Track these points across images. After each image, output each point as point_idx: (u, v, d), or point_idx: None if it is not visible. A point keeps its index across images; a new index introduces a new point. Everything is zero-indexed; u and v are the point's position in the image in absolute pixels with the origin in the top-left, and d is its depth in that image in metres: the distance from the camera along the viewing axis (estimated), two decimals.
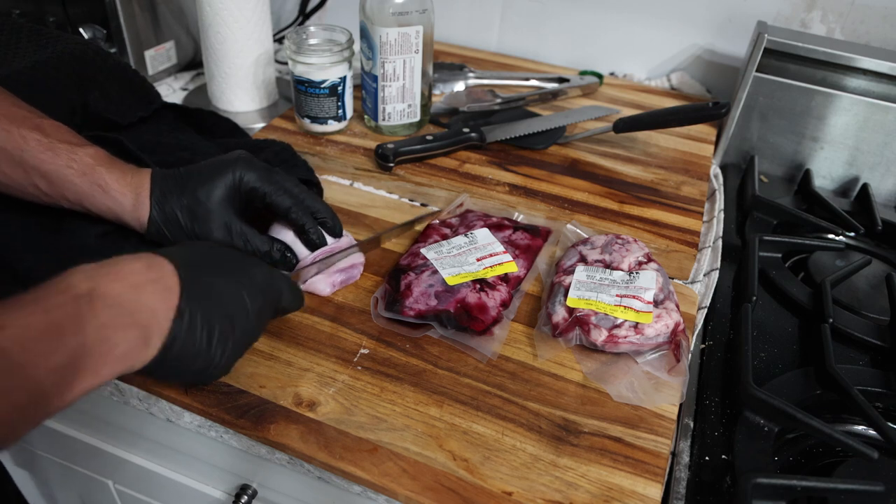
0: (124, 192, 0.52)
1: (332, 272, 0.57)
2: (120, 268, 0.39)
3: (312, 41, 0.78)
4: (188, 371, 0.42)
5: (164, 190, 0.53)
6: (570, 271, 0.58)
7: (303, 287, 0.57)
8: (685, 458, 0.50)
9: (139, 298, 0.38)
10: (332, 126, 0.81)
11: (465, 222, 0.65)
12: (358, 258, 0.59)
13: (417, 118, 0.83)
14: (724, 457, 0.49)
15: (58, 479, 0.77)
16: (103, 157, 0.53)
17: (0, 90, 0.53)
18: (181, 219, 0.53)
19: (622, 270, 0.58)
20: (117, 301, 0.37)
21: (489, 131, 0.82)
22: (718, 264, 0.67)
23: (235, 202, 0.55)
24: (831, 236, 0.74)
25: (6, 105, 0.51)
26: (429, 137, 0.78)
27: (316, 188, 0.68)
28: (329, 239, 0.58)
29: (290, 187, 0.56)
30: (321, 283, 0.57)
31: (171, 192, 0.53)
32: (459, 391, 0.50)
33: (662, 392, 0.51)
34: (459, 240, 0.61)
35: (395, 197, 0.72)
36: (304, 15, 1.07)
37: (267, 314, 0.48)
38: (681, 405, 0.52)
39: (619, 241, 0.61)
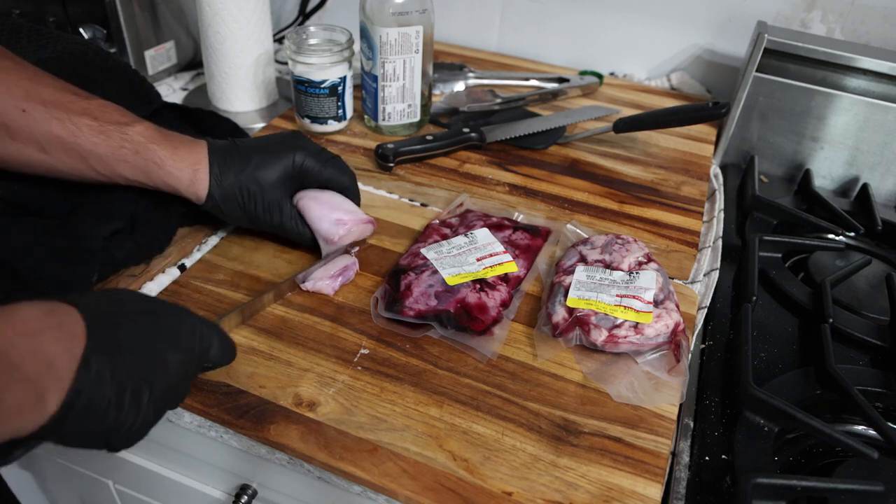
0: (180, 167, 0.54)
1: (331, 277, 0.57)
2: (10, 314, 0.33)
3: (312, 41, 0.78)
4: (94, 434, 0.36)
5: (222, 168, 0.55)
6: (570, 271, 0.58)
7: (309, 288, 0.57)
8: (685, 458, 0.50)
9: (32, 347, 0.33)
10: (332, 126, 0.81)
11: (465, 222, 0.65)
12: (349, 260, 0.59)
13: (417, 118, 0.83)
14: (724, 457, 0.49)
15: (58, 479, 0.77)
16: (154, 134, 0.54)
17: (42, 73, 0.53)
18: (238, 196, 0.56)
19: (622, 270, 0.58)
20: (2, 351, 0.32)
21: (489, 131, 0.82)
22: (718, 264, 0.67)
23: (289, 184, 0.58)
24: (831, 236, 0.74)
25: (53, 91, 0.52)
26: (429, 137, 0.78)
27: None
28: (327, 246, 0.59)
29: (346, 169, 0.62)
30: (324, 286, 0.57)
31: (230, 170, 0.56)
32: (459, 391, 0.50)
33: (662, 392, 0.51)
34: (459, 240, 0.61)
35: (395, 197, 0.72)
36: (304, 15, 1.07)
37: (193, 370, 0.43)
38: (681, 405, 0.52)
39: (619, 241, 0.61)
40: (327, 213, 0.58)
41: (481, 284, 0.56)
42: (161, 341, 0.40)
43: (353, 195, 0.62)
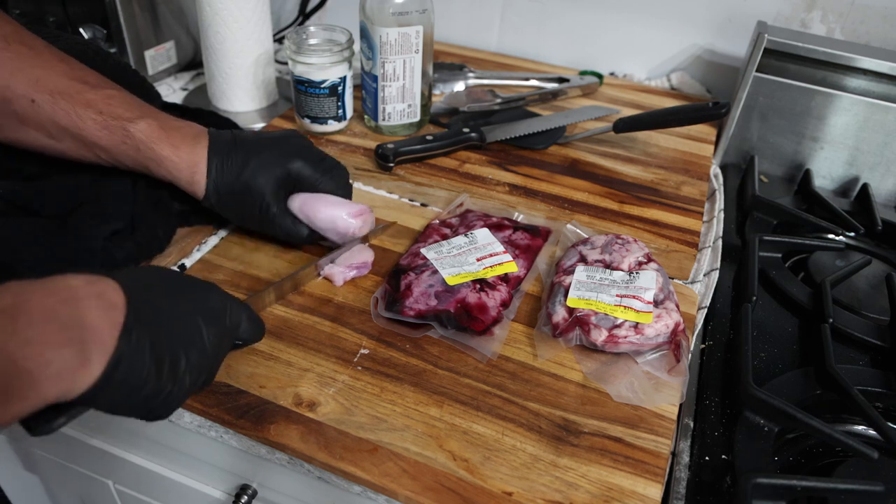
0: (179, 167, 0.56)
1: (348, 267, 0.59)
2: (54, 283, 0.35)
3: (312, 41, 0.78)
4: (135, 401, 0.37)
5: (219, 171, 0.57)
6: (570, 271, 0.58)
7: (325, 273, 0.59)
8: (685, 458, 0.50)
9: (76, 314, 0.34)
10: (332, 126, 0.81)
11: (465, 222, 0.65)
12: (369, 255, 0.60)
13: (417, 118, 0.83)
14: (724, 457, 0.49)
15: (58, 480, 0.77)
16: (155, 132, 0.55)
17: (57, 58, 0.54)
18: (233, 200, 0.58)
19: (622, 270, 0.58)
20: (48, 316, 0.33)
21: (489, 131, 0.82)
22: (718, 264, 0.67)
23: (285, 189, 0.59)
24: (831, 236, 0.74)
25: (63, 80, 0.53)
26: (429, 137, 0.78)
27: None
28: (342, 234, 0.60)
29: (343, 182, 0.62)
30: (337, 275, 0.58)
31: (226, 174, 0.57)
32: (459, 391, 0.50)
33: (662, 392, 0.51)
34: (459, 240, 0.61)
35: (395, 197, 0.72)
36: (304, 15, 1.07)
37: (225, 344, 0.44)
38: (681, 405, 0.52)
39: (619, 241, 0.61)
40: (336, 211, 0.59)
41: (481, 284, 0.56)
42: (195, 314, 0.41)
43: None
